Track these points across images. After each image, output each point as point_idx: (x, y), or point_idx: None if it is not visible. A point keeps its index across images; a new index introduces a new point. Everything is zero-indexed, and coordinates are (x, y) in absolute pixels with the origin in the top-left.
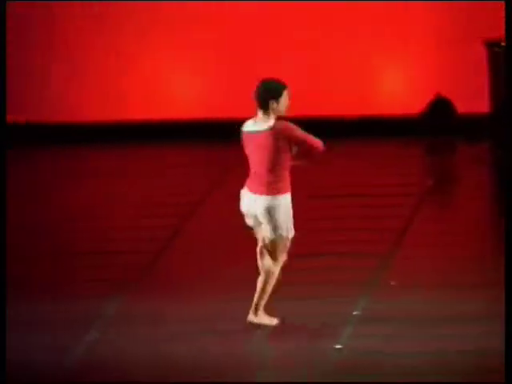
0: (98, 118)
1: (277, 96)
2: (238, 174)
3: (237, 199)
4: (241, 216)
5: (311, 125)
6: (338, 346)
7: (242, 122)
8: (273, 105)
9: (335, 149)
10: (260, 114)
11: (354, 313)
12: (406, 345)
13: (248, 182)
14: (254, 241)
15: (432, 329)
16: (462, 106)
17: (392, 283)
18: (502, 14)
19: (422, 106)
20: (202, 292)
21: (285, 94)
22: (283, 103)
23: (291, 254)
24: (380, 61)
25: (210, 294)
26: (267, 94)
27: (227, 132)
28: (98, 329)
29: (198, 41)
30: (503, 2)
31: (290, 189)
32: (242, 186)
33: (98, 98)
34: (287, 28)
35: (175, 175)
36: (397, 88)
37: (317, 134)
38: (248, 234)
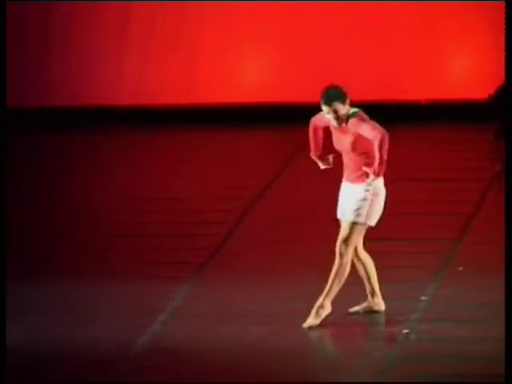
0: (165, 101)
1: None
2: (305, 158)
3: (303, 183)
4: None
5: (381, 109)
6: (406, 331)
7: (307, 106)
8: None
9: (404, 133)
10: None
11: (423, 298)
12: (475, 330)
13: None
14: (321, 224)
15: (498, 313)
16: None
17: (460, 269)
18: None
19: (490, 90)
20: (272, 275)
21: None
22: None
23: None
24: (449, 45)
25: (280, 277)
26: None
27: (294, 116)
28: (169, 310)
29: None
30: (503, 1)
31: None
32: (308, 170)
33: (165, 82)
34: (353, 13)
35: (242, 160)
36: (465, 72)
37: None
38: (314, 219)
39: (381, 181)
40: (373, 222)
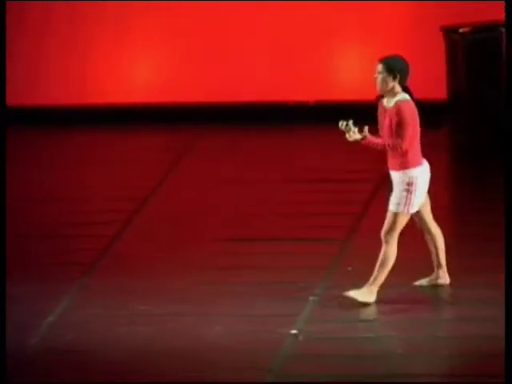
0: (61, 102)
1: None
2: (195, 158)
3: (193, 183)
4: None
5: (274, 110)
6: (294, 331)
7: (197, 107)
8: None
9: (298, 134)
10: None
11: (311, 298)
12: (364, 330)
13: None
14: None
15: (388, 313)
16: (420, 92)
17: (349, 269)
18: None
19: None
20: (162, 276)
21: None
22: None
23: (252, 238)
24: (338, 46)
25: (170, 277)
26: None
27: (185, 117)
28: (59, 311)
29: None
30: (503, 1)
31: (413, 164)
32: (197, 170)
33: (60, 83)
34: (245, 12)
35: (133, 160)
36: (355, 73)
37: (288, 120)
38: (204, 219)
39: (418, 169)
40: (413, 209)
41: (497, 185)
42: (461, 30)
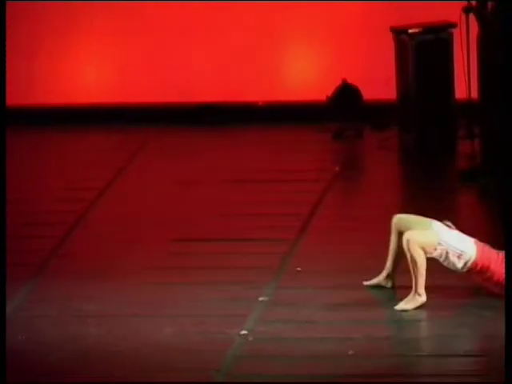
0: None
1: None
2: (146, 158)
3: (143, 184)
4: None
5: (222, 111)
6: (244, 332)
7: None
8: None
9: (247, 135)
10: None
11: (261, 299)
12: (314, 330)
13: None
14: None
15: (338, 314)
16: (370, 93)
17: (298, 269)
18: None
19: (328, 92)
20: (110, 276)
21: None
22: None
23: (201, 239)
24: (287, 47)
25: (119, 278)
26: None
27: (134, 117)
28: (7, 311)
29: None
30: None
31: None
32: (148, 171)
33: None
34: (186, 12)
35: (83, 161)
36: (305, 74)
37: (229, 120)
38: (152, 220)
39: None
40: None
41: (445, 185)
42: (410, 31)
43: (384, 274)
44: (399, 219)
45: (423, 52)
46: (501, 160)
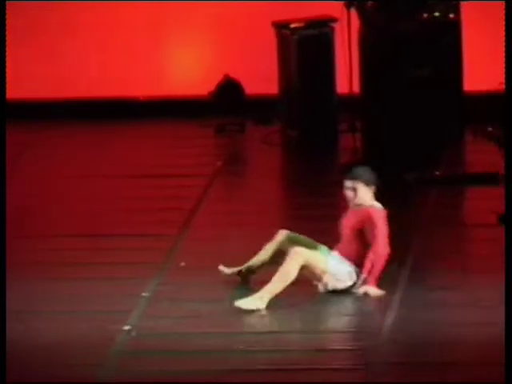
0: None
1: None
2: (35, 154)
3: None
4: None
5: (105, 107)
6: (127, 327)
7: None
8: None
9: (129, 130)
10: None
11: (144, 294)
12: (198, 325)
13: None
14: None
15: (222, 309)
16: (252, 88)
17: (182, 264)
18: None
19: (211, 87)
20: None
21: None
22: None
23: (84, 235)
24: (170, 42)
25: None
26: None
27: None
28: None
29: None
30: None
31: None
32: (42, 165)
33: None
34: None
35: None
36: (187, 70)
37: (111, 116)
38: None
39: None
40: None
41: (328, 180)
42: (292, 26)
43: (243, 268)
44: (288, 238)
45: (305, 47)
46: (381, 153)
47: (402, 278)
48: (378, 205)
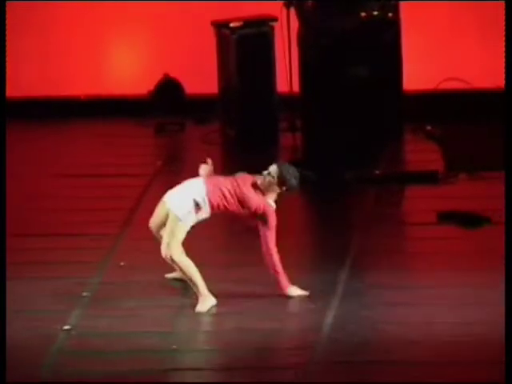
0: None
1: None
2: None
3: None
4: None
5: (49, 105)
6: (67, 327)
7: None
8: None
9: (69, 129)
10: None
11: (84, 294)
12: (138, 324)
13: None
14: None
15: (163, 308)
16: (192, 87)
17: (122, 264)
18: None
19: (150, 86)
20: None
21: None
22: None
23: (21, 235)
24: (110, 41)
25: None
26: None
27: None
28: None
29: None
30: (503, 1)
31: None
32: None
33: None
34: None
35: None
36: (127, 68)
37: (51, 115)
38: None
39: None
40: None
41: None
42: (231, 25)
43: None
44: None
45: (244, 46)
46: (321, 152)
47: (341, 277)
48: (271, 202)
